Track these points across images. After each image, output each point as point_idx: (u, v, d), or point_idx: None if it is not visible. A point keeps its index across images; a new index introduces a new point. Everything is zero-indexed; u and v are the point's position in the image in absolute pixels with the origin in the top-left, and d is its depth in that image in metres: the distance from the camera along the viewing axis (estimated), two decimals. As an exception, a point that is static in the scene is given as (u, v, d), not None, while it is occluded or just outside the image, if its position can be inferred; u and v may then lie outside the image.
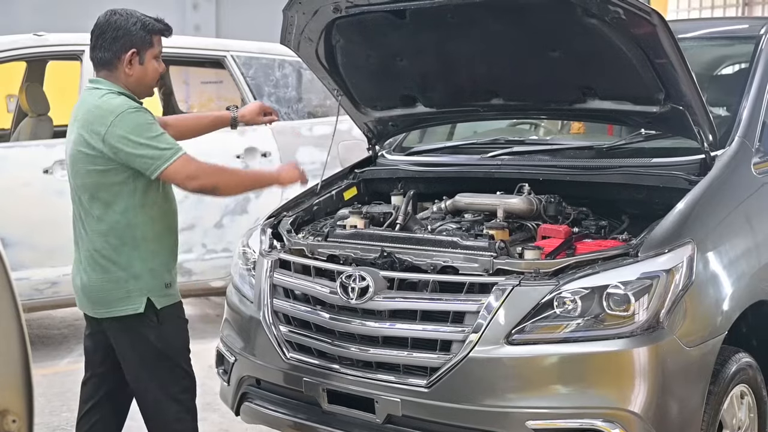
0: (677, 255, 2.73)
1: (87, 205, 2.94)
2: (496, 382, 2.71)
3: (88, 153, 2.87)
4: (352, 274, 2.96)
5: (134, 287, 2.92)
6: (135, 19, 2.94)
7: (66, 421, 4.36)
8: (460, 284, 2.82)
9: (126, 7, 3.00)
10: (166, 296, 2.99)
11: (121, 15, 2.94)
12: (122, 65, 2.93)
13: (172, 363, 3.02)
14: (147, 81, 3.00)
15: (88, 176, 2.90)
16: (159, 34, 2.99)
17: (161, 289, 2.97)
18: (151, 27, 2.96)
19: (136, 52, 2.93)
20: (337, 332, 3.00)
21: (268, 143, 5.88)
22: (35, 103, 5.89)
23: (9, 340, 1.36)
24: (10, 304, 1.34)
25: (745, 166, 3.18)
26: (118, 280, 2.92)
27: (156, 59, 2.99)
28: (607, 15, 2.81)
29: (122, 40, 2.92)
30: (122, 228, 2.91)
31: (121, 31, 2.92)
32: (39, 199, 5.16)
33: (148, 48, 2.95)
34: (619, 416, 2.61)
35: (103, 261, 2.93)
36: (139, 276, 2.92)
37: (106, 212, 2.90)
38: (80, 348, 5.63)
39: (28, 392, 1.43)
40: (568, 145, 3.75)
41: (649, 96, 3.11)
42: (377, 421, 2.88)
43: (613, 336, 2.64)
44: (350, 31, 3.42)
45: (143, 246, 2.93)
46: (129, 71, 2.94)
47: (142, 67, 2.95)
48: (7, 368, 1.38)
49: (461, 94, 3.67)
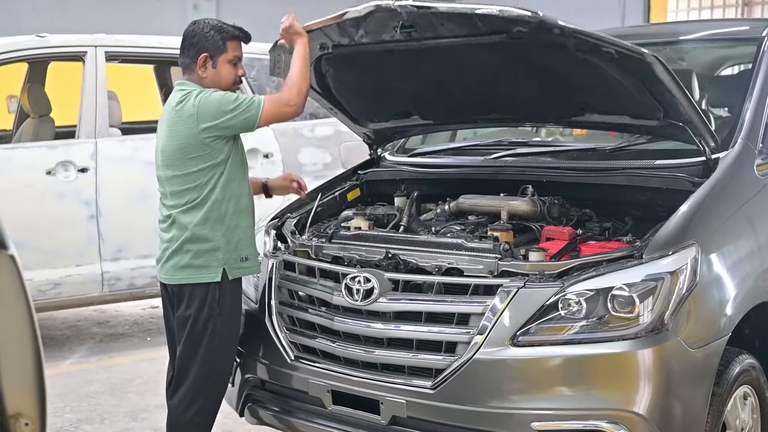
0: (681, 257, 2.73)
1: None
2: (501, 383, 2.72)
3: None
4: (357, 276, 2.96)
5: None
6: (210, 27, 3.19)
7: (69, 422, 4.37)
8: (465, 286, 2.83)
9: (207, 18, 3.29)
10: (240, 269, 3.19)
11: (199, 24, 3.22)
12: (197, 68, 3.17)
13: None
14: (221, 83, 3.19)
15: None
16: (233, 40, 3.19)
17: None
18: (225, 33, 3.18)
19: (210, 56, 3.16)
20: (342, 333, 3.01)
21: (270, 144, 5.89)
22: (37, 104, 5.89)
23: (23, 343, 1.37)
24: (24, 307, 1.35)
25: (748, 167, 3.19)
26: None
27: (231, 63, 3.19)
28: (599, 53, 2.84)
29: (197, 46, 3.17)
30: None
31: (197, 37, 3.18)
32: (41, 200, 5.17)
33: (221, 53, 3.17)
34: (623, 418, 2.62)
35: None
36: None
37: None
38: (82, 349, 5.68)
39: (41, 396, 1.43)
40: (571, 146, 3.75)
41: (647, 114, 3.13)
42: (382, 422, 2.89)
43: (617, 338, 2.64)
44: (339, 62, 3.45)
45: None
46: (203, 74, 3.17)
47: (215, 70, 3.18)
48: (20, 372, 1.39)
49: (458, 110, 3.70)
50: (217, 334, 3.13)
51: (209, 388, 3.19)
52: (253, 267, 3.24)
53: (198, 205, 3.11)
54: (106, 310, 6.64)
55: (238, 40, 3.21)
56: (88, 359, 5.49)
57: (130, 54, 5.75)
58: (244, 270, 3.20)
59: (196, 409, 3.16)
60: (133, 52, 5.70)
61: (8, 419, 1.40)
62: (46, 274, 5.14)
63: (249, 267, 3.22)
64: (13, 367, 1.39)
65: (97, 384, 4.96)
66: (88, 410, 4.55)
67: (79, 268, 5.27)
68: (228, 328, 3.17)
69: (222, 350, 3.17)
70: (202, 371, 3.15)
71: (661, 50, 4.47)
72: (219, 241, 3.12)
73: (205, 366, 3.15)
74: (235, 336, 3.22)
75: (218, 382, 3.22)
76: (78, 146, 5.32)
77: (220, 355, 3.18)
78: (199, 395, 3.17)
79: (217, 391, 3.23)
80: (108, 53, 5.51)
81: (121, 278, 5.43)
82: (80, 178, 5.26)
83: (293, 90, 3.14)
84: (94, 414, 4.49)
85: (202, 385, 3.17)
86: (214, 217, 3.12)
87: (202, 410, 3.17)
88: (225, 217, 3.13)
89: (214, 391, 3.21)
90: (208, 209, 3.11)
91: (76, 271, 5.27)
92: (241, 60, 3.22)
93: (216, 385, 3.21)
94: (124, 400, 4.70)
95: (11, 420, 1.41)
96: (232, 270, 3.15)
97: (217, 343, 3.14)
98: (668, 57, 4.50)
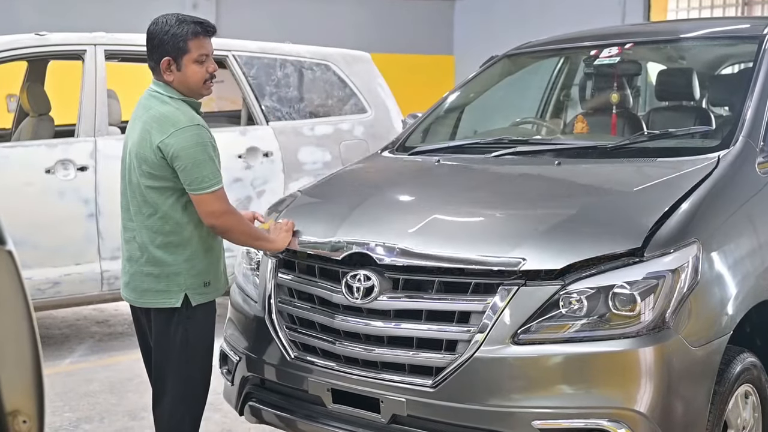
0: (683, 255, 2.72)
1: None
2: (502, 381, 2.71)
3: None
4: (357, 274, 2.95)
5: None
6: (169, 26, 3.01)
7: (68, 421, 4.36)
8: (466, 284, 2.82)
9: (168, 13, 3.07)
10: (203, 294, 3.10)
11: (158, 24, 3.04)
12: (163, 72, 3.04)
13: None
14: (190, 85, 3.06)
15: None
16: (195, 38, 3.02)
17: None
18: (185, 32, 3.00)
19: (172, 59, 3.02)
20: (342, 332, 3.00)
21: (269, 143, 5.88)
22: (36, 103, 5.89)
23: (20, 340, 1.36)
24: (22, 304, 1.34)
25: (749, 165, 3.18)
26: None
27: (197, 62, 3.03)
28: None
29: (159, 50, 3.03)
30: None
31: (156, 40, 3.03)
32: (41, 198, 5.16)
33: (184, 54, 3.02)
34: (624, 416, 2.61)
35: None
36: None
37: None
38: (81, 348, 5.67)
39: (39, 393, 1.42)
40: (572, 144, 3.75)
41: None
42: (382, 420, 2.88)
43: (618, 336, 2.63)
44: None
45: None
46: (169, 77, 3.04)
47: (180, 72, 3.04)
48: (18, 369, 1.38)
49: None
50: (189, 342, 3.08)
51: (188, 397, 3.13)
52: (216, 291, 3.15)
53: (159, 228, 3.03)
54: (106, 309, 6.63)
55: (202, 37, 3.03)
56: (87, 358, 5.48)
57: (129, 52, 5.73)
58: (206, 296, 3.11)
59: (178, 419, 3.12)
60: (133, 50, 5.69)
61: (6, 416, 1.39)
62: (45, 272, 5.13)
63: (211, 292, 3.13)
64: (12, 364, 1.38)
65: (97, 383, 4.95)
66: (87, 409, 4.54)
67: (78, 267, 5.26)
68: (200, 335, 3.11)
69: (196, 359, 3.11)
70: (178, 381, 3.11)
71: (663, 48, 4.48)
72: (181, 265, 3.04)
73: (181, 375, 3.10)
74: (209, 343, 3.16)
75: (197, 389, 3.15)
76: (77, 145, 5.31)
77: (195, 364, 3.12)
78: (180, 404, 3.12)
79: (197, 398, 3.17)
80: (107, 52, 5.50)
81: (120, 277, 5.40)
82: (79, 177, 5.25)
83: (232, 223, 3.02)
84: (93, 413, 4.49)
85: (182, 394, 3.12)
86: (175, 242, 3.03)
87: (184, 418, 3.13)
88: (190, 242, 3.04)
89: (193, 400, 3.15)
90: (169, 232, 3.02)
91: (76, 270, 5.26)
92: (210, 56, 3.06)
93: (195, 392, 3.15)
94: (123, 398, 4.69)
95: (9, 417, 1.40)
96: (194, 296, 3.06)
97: (190, 352, 3.09)
98: (669, 55, 4.51)
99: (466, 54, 13.51)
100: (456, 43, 14.06)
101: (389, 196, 3.45)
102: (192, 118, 3.01)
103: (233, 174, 5.63)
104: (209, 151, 2.98)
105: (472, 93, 4.59)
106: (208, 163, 2.96)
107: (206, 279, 3.10)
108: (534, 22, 11.60)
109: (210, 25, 3.09)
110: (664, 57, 4.56)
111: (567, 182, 3.36)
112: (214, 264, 3.14)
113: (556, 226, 2.87)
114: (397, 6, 13.51)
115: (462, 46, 13.85)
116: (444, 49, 14.03)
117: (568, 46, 4.67)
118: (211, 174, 2.96)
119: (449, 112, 4.47)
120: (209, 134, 3.02)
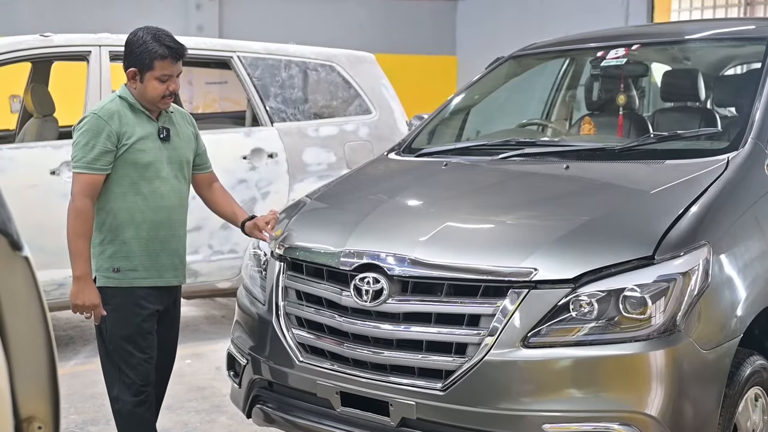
0: (693, 258, 2.71)
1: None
2: (512, 385, 2.70)
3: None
4: (366, 277, 2.94)
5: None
6: (142, 41, 3.22)
7: (74, 423, 4.36)
8: (476, 287, 2.81)
9: (151, 27, 3.30)
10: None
11: (136, 36, 3.26)
12: (128, 80, 3.29)
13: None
14: (146, 98, 3.28)
15: None
16: (162, 60, 3.22)
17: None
18: (153, 52, 3.21)
19: (138, 71, 3.25)
20: (351, 335, 2.99)
21: (274, 144, 5.87)
22: (40, 104, 5.88)
23: (36, 346, 1.35)
24: (39, 310, 1.33)
25: (758, 167, 3.17)
26: None
27: (158, 80, 3.24)
28: None
29: (129, 59, 3.27)
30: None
31: (128, 49, 3.27)
32: (46, 200, 5.14)
33: (148, 70, 3.23)
34: (635, 419, 2.60)
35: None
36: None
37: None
38: (86, 350, 5.66)
39: (54, 399, 1.42)
40: (580, 146, 3.73)
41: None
42: (391, 424, 2.87)
43: (629, 339, 2.63)
44: None
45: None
46: (132, 86, 3.29)
47: (142, 84, 3.26)
48: (34, 375, 1.37)
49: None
50: (108, 331, 3.32)
51: (115, 379, 3.38)
52: (126, 279, 3.30)
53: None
54: (110, 311, 6.61)
55: (169, 60, 3.23)
56: (92, 360, 5.46)
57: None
58: (112, 281, 3.30)
59: (113, 397, 3.39)
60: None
61: (21, 423, 1.39)
62: (50, 274, 5.12)
63: (120, 279, 3.30)
64: (27, 371, 1.37)
65: (102, 385, 4.88)
66: (93, 411, 4.54)
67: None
68: (112, 320, 3.29)
69: (112, 341, 3.32)
70: (106, 365, 3.40)
71: (668, 50, 4.47)
72: (96, 248, 3.30)
73: (100, 353, 3.40)
74: (126, 332, 3.31)
75: (124, 375, 3.35)
76: (82, 146, 5.29)
77: (110, 345, 3.33)
78: (113, 384, 3.39)
79: (126, 384, 3.36)
80: (112, 53, 5.48)
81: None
82: (84, 178, 5.23)
83: (73, 217, 3.25)
84: (99, 415, 4.48)
85: (111, 377, 3.40)
86: (97, 224, 3.28)
87: (119, 398, 3.37)
88: (102, 227, 3.29)
89: (122, 385, 3.36)
90: (95, 215, 3.28)
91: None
92: (173, 77, 3.26)
93: (121, 377, 3.36)
94: (128, 401, 4.67)
95: (24, 423, 1.39)
96: (101, 278, 3.29)
97: (104, 333, 3.32)
98: (674, 56, 4.50)
99: (468, 55, 13.51)
100: (459, 43, 14.05)
101: (398, 203, 3.43)
102: (101, 108, 3.24)
103: (238, 175, 5.62)
104: (94, 139, 3.17)
105: (478, 94, 4.59)
106: (83, 148, 3.18)
107: (116, 265, 3.29)
108: (536, 23, 11.59)
109: (181, 50, 3.28)
110: (671, 58, 4.55)
111: (576, 187, 3.35)
112: (128, 253, 3.29)
113: (568, 234, 2.85)
114: (400, 7, 13.51)
115: (465, 47, 13.84)
116: (447, 49, 14.02)
117: (574, 48, 4.66)
118: (82, 156, 3.18)
119: (455, 114, 4.46)
120: (108, 126, 3.19)
